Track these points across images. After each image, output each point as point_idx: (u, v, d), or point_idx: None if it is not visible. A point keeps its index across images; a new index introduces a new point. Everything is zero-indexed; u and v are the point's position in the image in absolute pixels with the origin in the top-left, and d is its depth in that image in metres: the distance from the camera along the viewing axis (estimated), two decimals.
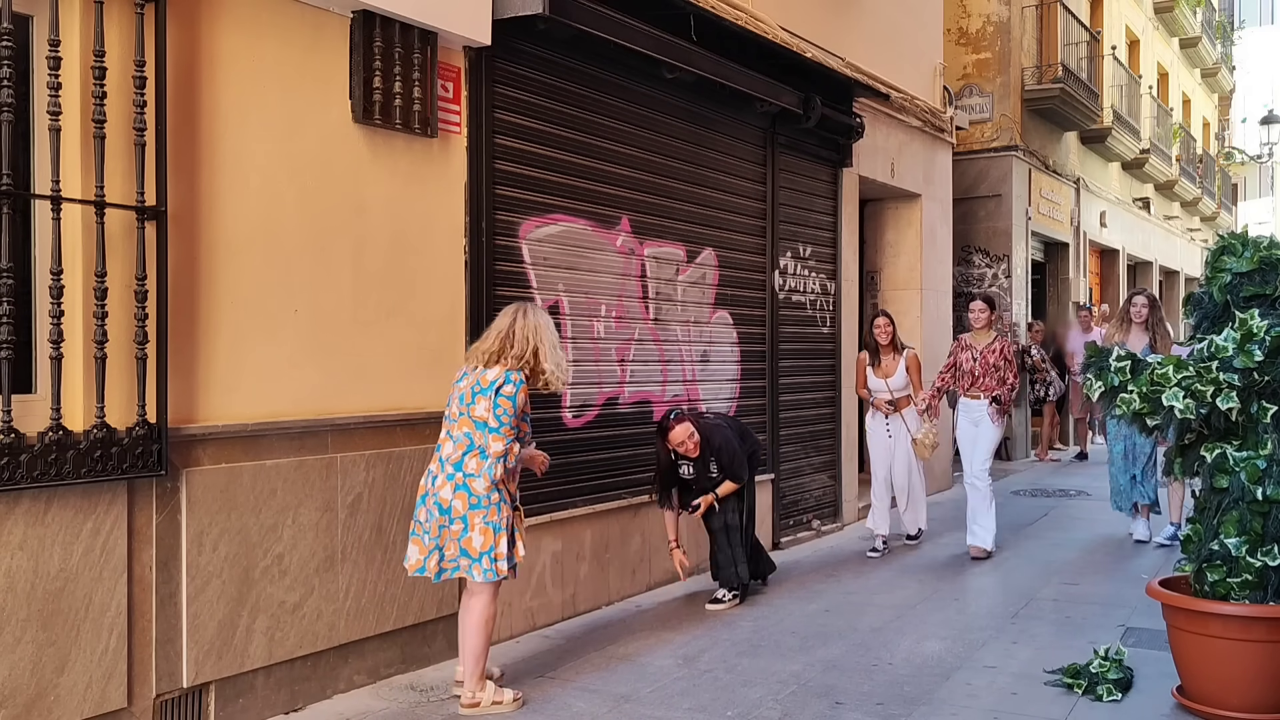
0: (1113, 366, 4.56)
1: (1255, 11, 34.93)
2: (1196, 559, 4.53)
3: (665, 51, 6.48)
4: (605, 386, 6.48)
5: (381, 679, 4.95)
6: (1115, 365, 4.55)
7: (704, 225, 7.42)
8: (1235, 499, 4.38)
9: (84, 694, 3.81)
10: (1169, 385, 4.38)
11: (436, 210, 5.27)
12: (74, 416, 3.81)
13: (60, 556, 3.73)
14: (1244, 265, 4.51)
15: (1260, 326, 4.35)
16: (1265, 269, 4.51)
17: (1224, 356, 4.34)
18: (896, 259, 11.18)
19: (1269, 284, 4.49)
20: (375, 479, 4.88)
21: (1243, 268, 4.51)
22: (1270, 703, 4.29)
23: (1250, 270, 4.51)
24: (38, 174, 3.82)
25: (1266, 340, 4.33)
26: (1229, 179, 30.66)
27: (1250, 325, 4.35)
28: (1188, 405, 4.34)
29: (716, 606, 6.32)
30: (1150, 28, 21.10)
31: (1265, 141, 27.82)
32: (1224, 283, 4.53)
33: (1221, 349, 4.35)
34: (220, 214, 4.29)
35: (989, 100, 14.20)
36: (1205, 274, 4.69)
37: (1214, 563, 4.43)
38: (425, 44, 5.09)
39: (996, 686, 4.90)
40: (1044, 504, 10.56)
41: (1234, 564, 4.39)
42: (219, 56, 4.29)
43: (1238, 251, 4.56)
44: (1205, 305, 4.62)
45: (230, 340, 4.32)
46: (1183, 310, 4.85)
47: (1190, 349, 4.55)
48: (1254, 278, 4.51)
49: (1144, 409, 4.46)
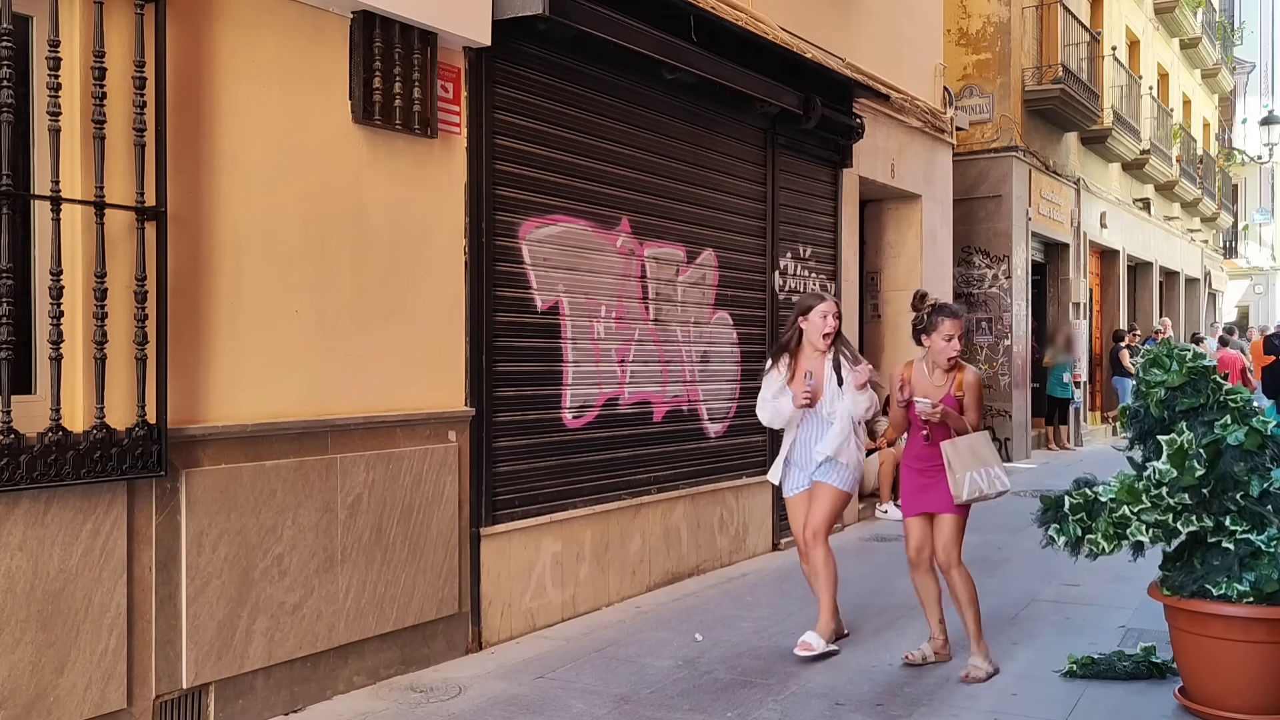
0: (1069, 519, 4.57)
1: (1255, 11, 34.93)
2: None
3: (665, 52, 6.48)
4: (605, 387, 6.47)
5: (381, 680, 4.94)
6: (1072, 518, 4.57)
7: (704, 226, 7.42)
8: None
9: (83, 695, 3.80)
10: (1130, 523, 4.42)
11: (436, 211, 5.26)
12: (74, 417, 3.81)
13: (60, 557, 3.73)
14: (1175, 379, 4.52)
15: (1189, 440, 4.37)
16: (1194, 379, 4.52)
17: (1170, 480, 4.36)
18: (897, 260, 11.18)
19: (1200, 393, 4.51)
20: (375, 479, 4.88)
21: (1174, 382, 4.52)
22: (1271, 704, 4.29)
23: (1182, 384, 4.52)
24: (38, 174, 3.82)
25: (1201, 453, 4.36)
26: (1229, 179, 30.66)
27: (1180, 443, 4.38)
28: (1155, 535, 4.40)
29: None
30: (1150, 28, 21.10)
31: (1266, 142, 27.81)
32: (1159, 398, 4.53)
33: (1166, 473, 4.37)
34: (220, 214, 4.29)
35: (989, 101, 14.20)
36: (1137, 387, 4.67)
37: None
38: (425, 44, 5.08)
39: (997, 687, 4.90)
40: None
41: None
42: (219, 57, 4.29)
43: (1166, 365, 4.57)
44: (1142, 419, 4.63)
45: (230, 340, 4.31)
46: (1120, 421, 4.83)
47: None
48: (1186, 390, 4.52)
49: (1113, 549, 4.51)
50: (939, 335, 5.07)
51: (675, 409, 7.12)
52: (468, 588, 5.41)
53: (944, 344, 5.05)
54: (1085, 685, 4.90)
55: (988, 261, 14.32)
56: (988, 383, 14.07)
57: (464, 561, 5.37)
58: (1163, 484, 4.38)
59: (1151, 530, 4.37)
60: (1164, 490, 4.37)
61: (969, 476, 4.97)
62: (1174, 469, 4.35)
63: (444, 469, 5.22)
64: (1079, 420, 16.83)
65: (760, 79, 7.51)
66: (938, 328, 5.07)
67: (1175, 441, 4.38)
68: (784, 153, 8.35)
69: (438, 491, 5.18)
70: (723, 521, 7.56)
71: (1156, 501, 4.37)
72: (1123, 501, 4.44)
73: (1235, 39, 30.78)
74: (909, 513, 5.23)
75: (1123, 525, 4.43)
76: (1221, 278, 30.61)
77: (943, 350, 5.06)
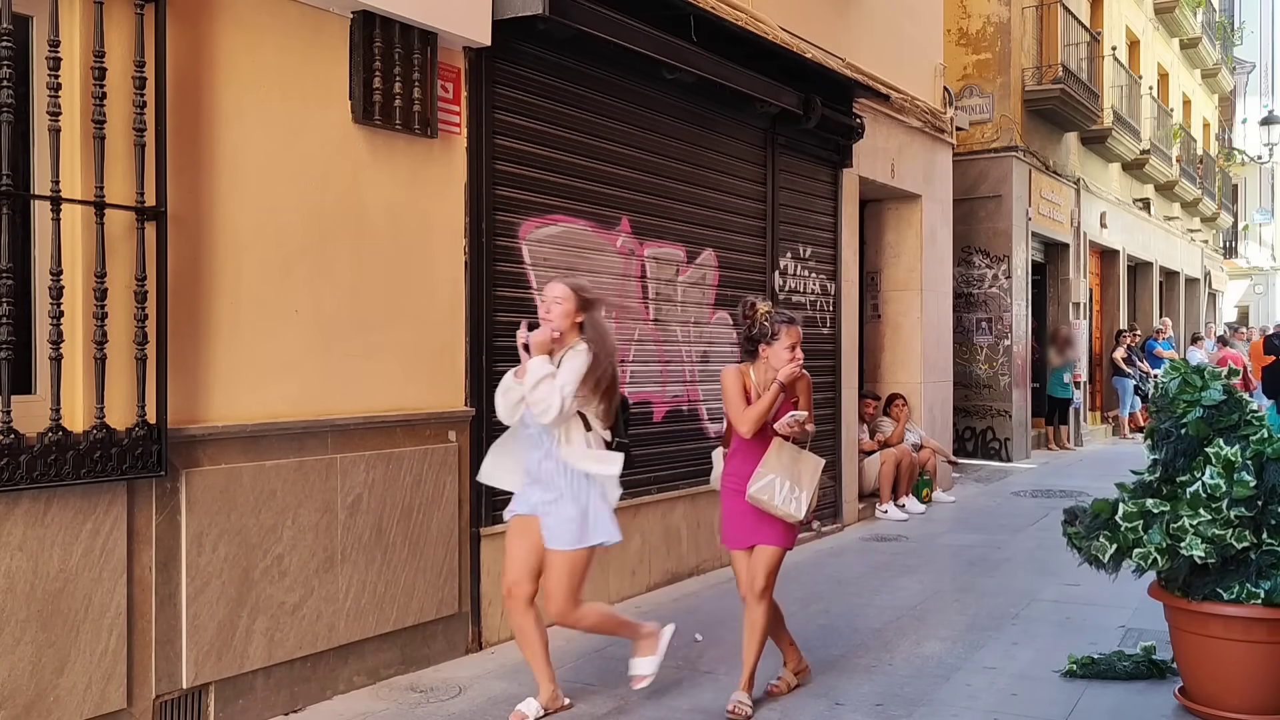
0: (1123, 526, 4.47)
1: (1255, 11, 34.91)
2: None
3: (665, 52, 6.48)
4: None
5: (381, 680, 4.94)
6: (1126, 525, 4.46)
7: (704, 226, 7.42)
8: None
9: (83, 695, 3.80)
10: (1186, 535, 4.31)
11: (436, 211, 5.26)
12: (74, 417, 3.81)
13: (60, 557, 3.73)
14: (1215, 397, 4.50)
15: (1236, 453, 4.34)
16: (1229, 396, 4.52)
17: (1221, 495, 4.31)
18: (897, 260, 11.18)
19: (1234, 409, 4.51)
20: (375, 479, 4.88)
21: (1215, 399, 4.50)
22: (1271, 704, 4.29)
23: (1221, 401, 4.51)
24: (38, 174, 3.82)
25: (1249, 463, 4.33)
26: (1229, 179, 30.65)
27: (1226, 454, 4.33)
28: (1208, 550, 4.28)
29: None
30: (1150, 28, 21.09)
31: (1266, 142, 27.80)
32: (1198, 416, 4.49)
33: (1215, 488, 4.31)
34: (220, 214, 4.29)
35: (989, 101, 14.20)
36: (1168, 409, 4.59)
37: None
38: (425, 44, 5.08)
39: (997, 687, 4.90)
40: (1045, 504, 10.56)
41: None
42: (219, 57, 4.29)
43: (1198, 384, 4.55)
44: (1175, 440, 4.53)
45: (230, 341, 4.31)
46: (1147, 442, 4.72)
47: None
48: (1222, 409, 4.50)
49: (1165, 565, 4.39)
50: (781, 345, 4.52)
51: (675, 409, 7.12)
52: (468, 587, 5.41)
53: (787, 354, 4.50)
54: (1085, 685, 4.90)
55: (988, 261, 14.31)
56: (988, 383, 14.08)
57: (464, 561, 5.37)
58: (1214, 498, 4.31)
59: (1205, 545, 4.25)
60: (1224, 504, 4.28)
61: (774, 480, 4.43)
62: (1223, 482, 4.30)
63: (444, 469, 5.22)
64: (1079, 420, 16.83)
65: (760, 79, 7.51)
66: (779, 337, 4.53)
67: (1222, 454, 4.35)
68: (784, 153, 8.35)
69: (438, 491, 5.18)
70: None
71: (1217, 514, 4.27)
72: (1182, 513, 4.34)
73: (1235, 39, 30.78)
74: (733, 543, 4.65)
75: (1178, 539, 4.33)
76: (1221, 278, 30.60)
77: (785, 361, 4.50)
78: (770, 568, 4.54)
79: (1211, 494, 4.31)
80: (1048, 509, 10.22)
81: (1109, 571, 4.57)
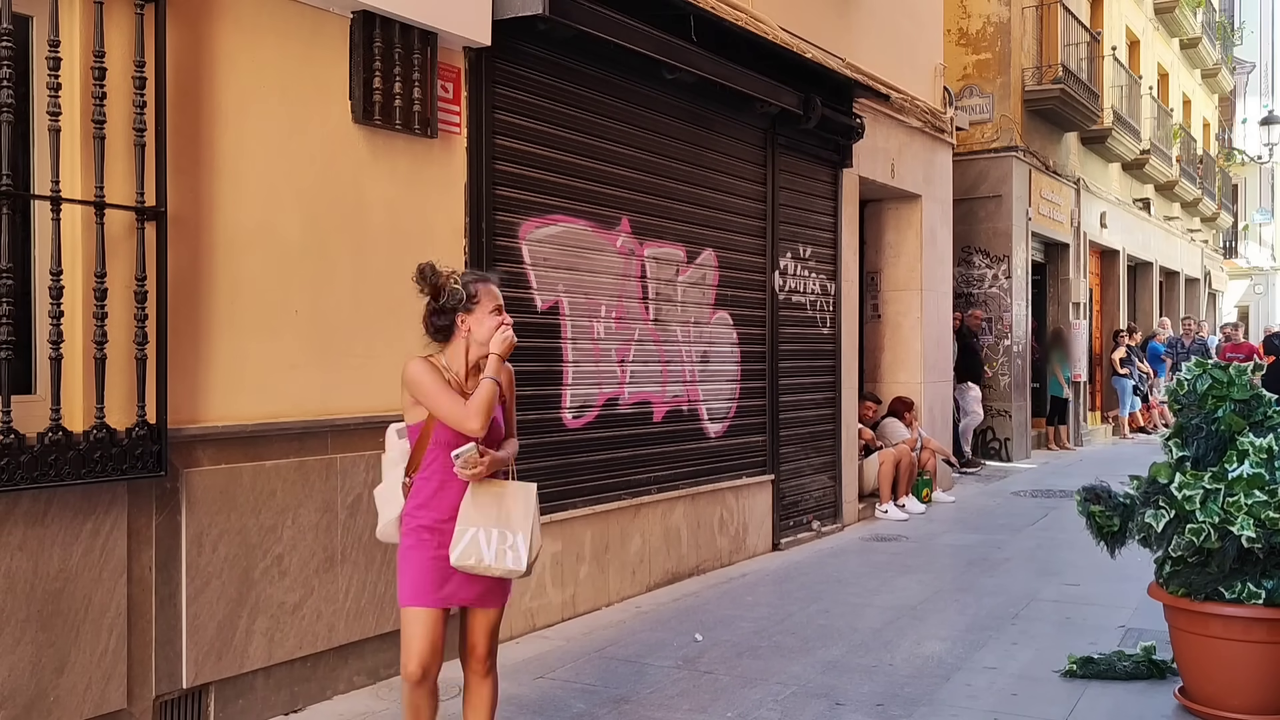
0: (1178, 495, 4.42)
1: (1255, 11, 34.90)
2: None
3: (665, 52, 6.48)
4: (605, 387, 6.47)
5: (381, 680, 4.94)
6: (1181, 494, 4.41)
7: (704, 226, 7.42)
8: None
9: (83, 695, 3.80)
10: (1239, 515, 4.27)
11: (436, 210, 5.26)
12: (74, 417, 3.81)
13: (60, 557, 3.73)
14: (1243, 393, 4.54)
15: (1269, 443, 4.35)
16: (1255, 393, 4.57)
17: (1265, 484, 4.28)
18: (897, 260, 11.18)
19: (1261, 405, 4.57)
20: (375, 480, 4.86)
21: (1244, 395, 4.54)
22: (1271, 704, 4.29)
23: (1248, 397, 4.55)
24: (38, 174, 3.82)
25: None
26: (1229, 179, 30.65)
27: (1266, 444, 4.35)
28: (1259, 533, 4.24)
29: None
30: (1150, 28, 21.10)
31: (1266, 142, 27.80)
32: (1229, 410, 4.52)
33: (1259, 477, 4.30)
34: (220, 214, 4.29)
35: (989, 101, 14.20)
36: (1196, 405, 4.60)
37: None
38: (425, 44, 5.08)
39: (997, 687, 4.90)
40: (1044, 504, 10.56)
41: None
42: (219, 57, 4.29)
43: (1226, 380, 4.57)
44: (1205, 435, 4.54)
45: (230, 340, 4.31)
46: (1169, 444, 4.70)
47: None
48: (1251, 403, 4.55)
49: (1215, 543, 4.32)
50: (484, 310, 3.47)
51: (675, 409, 7.12)
52: None
53: (493, 319, 3.46)
54: (1085, 685, 4.90)
55: (988, 261, 14.32)
56: (988, 383, 14.07)
57: None
58: (1260, 487, 4.29)
59: (1257, 528, 4.21)
60: (1277, 488, 4.27)
61: (477, 535, 3.38)
62: (1264, 470, 4.29)
63: None
64: (1079, 420, 16.83)
65: (760, 79, 7.51)
66: (478, 299, 3.48)
67: (1260, 445, 4.35)
68: (784, 153, 8.35)
69: None
70: (722, 521, 7.56)
71: (1272, 495, 4.24)
72: (1238, 490, 4.30)
73: (1235, 39, 30.79)
74: (418, 600, 3.44)
75: (1229, 519, 4.28)
76: (1221, 278, 30.60)
77: (494, 328, 3.45)
78: (496, 629, 3.61)
79: (1253, 483, 4.31)
80: (1048, 509, 10.23)
81: (1155, 549, 4.48)
